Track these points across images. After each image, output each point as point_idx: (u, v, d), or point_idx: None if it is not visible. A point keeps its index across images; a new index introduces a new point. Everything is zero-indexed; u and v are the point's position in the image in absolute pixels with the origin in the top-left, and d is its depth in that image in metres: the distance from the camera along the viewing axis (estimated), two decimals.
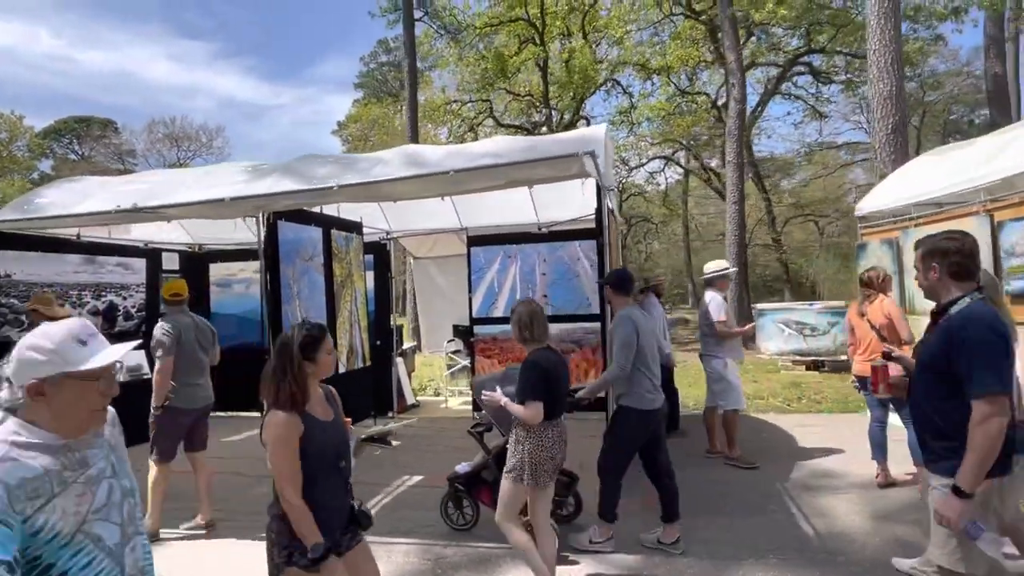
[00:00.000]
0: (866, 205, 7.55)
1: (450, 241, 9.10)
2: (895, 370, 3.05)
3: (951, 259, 2.53)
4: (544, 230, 8.18)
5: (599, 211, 5.05)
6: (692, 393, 9.54)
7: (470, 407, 8.76)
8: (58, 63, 70.59)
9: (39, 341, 1.63)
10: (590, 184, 7.38)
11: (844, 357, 10.13)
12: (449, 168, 4.41)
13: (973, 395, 2.34)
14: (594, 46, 24.33)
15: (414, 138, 18.86)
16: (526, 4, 21.96)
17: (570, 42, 25.09)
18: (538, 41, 23.50)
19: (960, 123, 28.95)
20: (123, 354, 1.70)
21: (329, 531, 2.51)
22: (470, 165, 4.45)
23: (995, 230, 5.02)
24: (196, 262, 9.16)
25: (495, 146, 5.95)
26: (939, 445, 2.50)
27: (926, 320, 2.75)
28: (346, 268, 7.29)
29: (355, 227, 7.61)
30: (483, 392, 3.65)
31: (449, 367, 9.73)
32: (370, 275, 8.74)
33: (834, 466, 5.78)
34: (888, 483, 4.98)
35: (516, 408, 3.36)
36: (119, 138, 41.88)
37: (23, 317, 6.62)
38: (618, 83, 25.50)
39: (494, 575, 3.92)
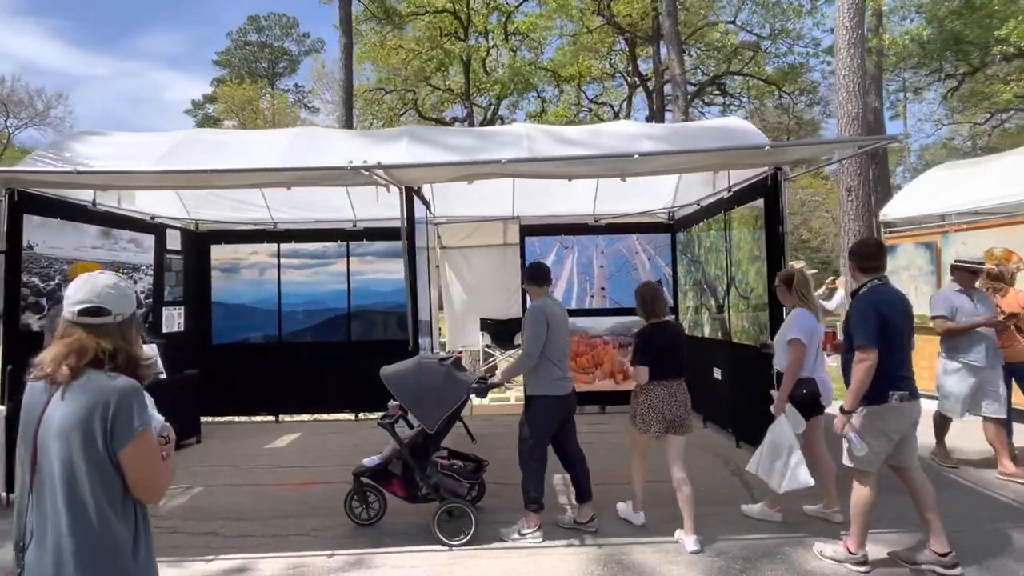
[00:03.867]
0: (891, 212, 8.39)
1: (492, 230, 8.65)
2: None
3: (855, 259, 3.67)
4: (601, 222, 8.06)
5: (780, 201, 5.08)
6: None
7: (504, 402, 8.40)
8: None
9: None
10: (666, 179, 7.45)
11: None
12: (764, 144, 4.21)
13: (854, 346, 3.44)
14: (515, 49, 24.47)
15: (348, 122, 17.65)
16: None
17: (487, 40, 25.06)
18: (462, 36, 23.18)
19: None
20: None
21: None
22: (736, 144, 4.29)
23: None
24: (195, 242, 7.85)
25: (652, 130, 5.81)
26: None
27: None
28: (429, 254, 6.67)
29: (427, 208, 6.98)
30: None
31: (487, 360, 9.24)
32: None
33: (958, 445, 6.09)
34: None
35: (630, 369, 4.25)
36: None
37: (43, 302, 5.27)
38: (533, 87, 25.85)
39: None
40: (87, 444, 1.64)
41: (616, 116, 28.46)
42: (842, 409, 3.52)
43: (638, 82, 26.20)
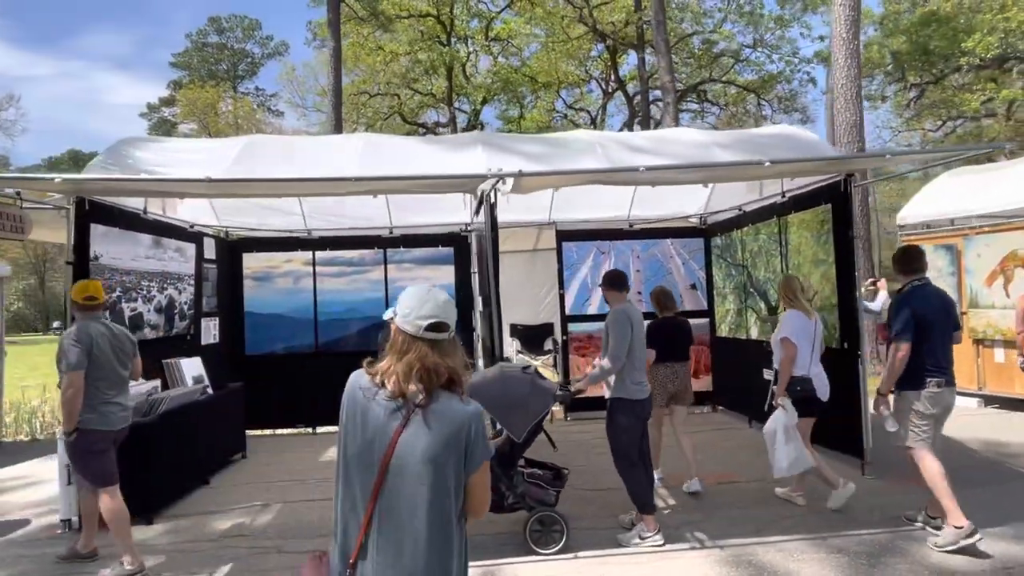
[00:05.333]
0: (908, 215, 8.76)
1: (525, 236, 8.65)
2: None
3: (897, 264, 4.19)
4: (636, 227, 8.17)
5: (849, 206, 5.26)
6: None
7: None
8: None
9: None
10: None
11: None
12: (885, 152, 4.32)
13: (890, 339, 4.01)
14: (495, 55, 24.53)
15: (337, 126, 17.36)
16: (439, 3, 21.51)
17: (467, 46, 25.05)
18: (444, 41, 23.12)
19: None
20: None
21: None
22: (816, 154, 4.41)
23: None
24: (227, 250, 7.60)
25: (719, 137, 5.93)
26: None
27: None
28: None
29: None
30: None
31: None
32: (449, 269, 8.05)
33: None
34: None
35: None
36: None
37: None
38: (519, 96, 25.94)
39: None
40: (452, 468, 1.65)
41: (593, 122, 28.80)
42: (878, 391, 4.09)
43: (614, 88, 26.61)
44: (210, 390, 6.24)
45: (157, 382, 5.52)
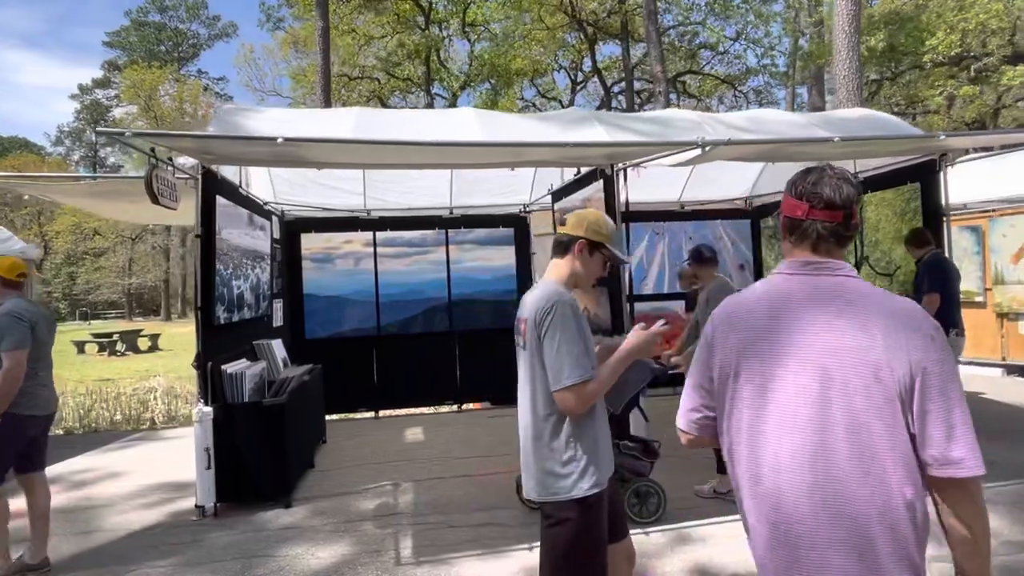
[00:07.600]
0: None
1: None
2: None
3: (915, 242, 5.28)
4: (687, 209, 8.36)
5: (941, 184, 5.58)
6: None
7: None
8: None
9: None
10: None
11: None
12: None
13: (924, 293, 4.91)
14: (472, 41, 24.32)
15: (326, 107, 16.83)
16: None
17: (440, 30, 24.73)
18: (423, 26, 22.75)
19: None
20: None
21: None
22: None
23: None
24: (285, 230, 7.31)
25: (810, 118, 6.13)
26: None
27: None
28: None
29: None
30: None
31: None
32: (509, 250, 8.02)
33: None
34: None
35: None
36: None
37: (226, 293, 4.80)
38: (489, 80, 25.80)
39: None
40: None
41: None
42: None
43: (586, 76, 26.88)
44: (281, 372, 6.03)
45: (263, 363, 5.29)
